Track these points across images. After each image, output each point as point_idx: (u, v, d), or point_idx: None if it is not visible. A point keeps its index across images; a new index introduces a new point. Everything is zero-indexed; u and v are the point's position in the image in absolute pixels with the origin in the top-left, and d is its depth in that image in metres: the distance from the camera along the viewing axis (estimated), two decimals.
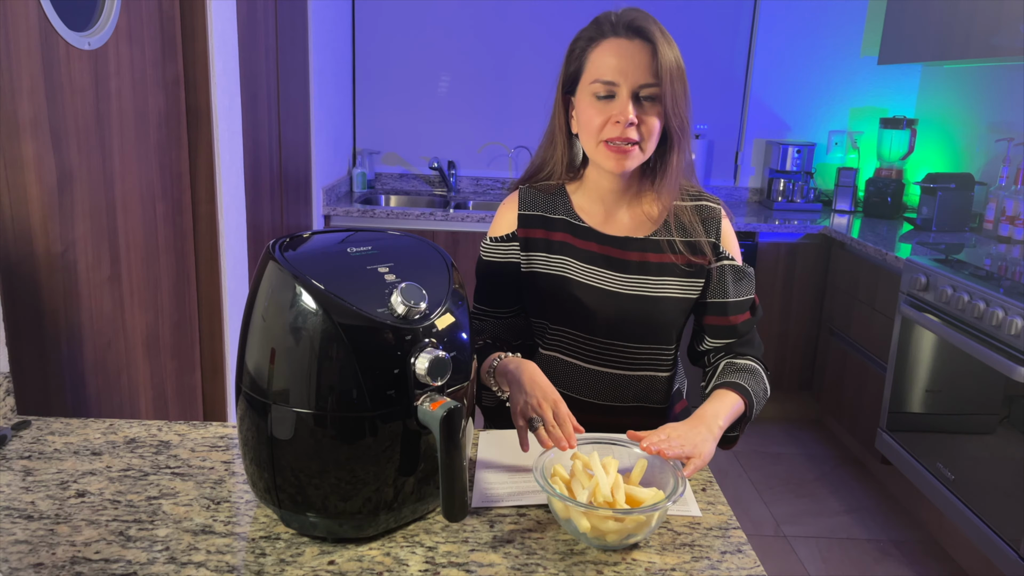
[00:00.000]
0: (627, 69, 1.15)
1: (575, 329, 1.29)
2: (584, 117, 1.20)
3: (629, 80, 1.15)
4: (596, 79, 1.17)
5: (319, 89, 3.12)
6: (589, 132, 1.19)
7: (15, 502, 0.98)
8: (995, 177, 3.16)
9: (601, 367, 1.30)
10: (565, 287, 1.27)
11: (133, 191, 1.64)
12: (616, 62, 1.15)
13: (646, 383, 1.31)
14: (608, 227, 1.29)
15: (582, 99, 1.20)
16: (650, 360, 1.31)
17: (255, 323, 0.91)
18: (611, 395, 1.31)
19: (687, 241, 1.27)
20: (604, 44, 1.17)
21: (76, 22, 1.42)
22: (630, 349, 1.29)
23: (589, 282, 1.27)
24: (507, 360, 1.20)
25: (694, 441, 1.07)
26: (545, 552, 0.92)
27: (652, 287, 1.26)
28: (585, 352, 1.30)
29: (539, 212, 1.32)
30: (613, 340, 1.28)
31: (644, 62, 1.15)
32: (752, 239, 3.37)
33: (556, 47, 3.68)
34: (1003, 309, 2.19)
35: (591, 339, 1.29)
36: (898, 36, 3.42)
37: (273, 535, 0.94)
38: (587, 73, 1.19)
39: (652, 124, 1.17)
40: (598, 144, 1.19)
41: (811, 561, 2.53)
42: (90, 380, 1.49)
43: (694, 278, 1.28)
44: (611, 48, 1.16)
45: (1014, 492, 2.12)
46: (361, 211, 3.37)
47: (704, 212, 1.29)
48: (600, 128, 1.18)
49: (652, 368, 1.31)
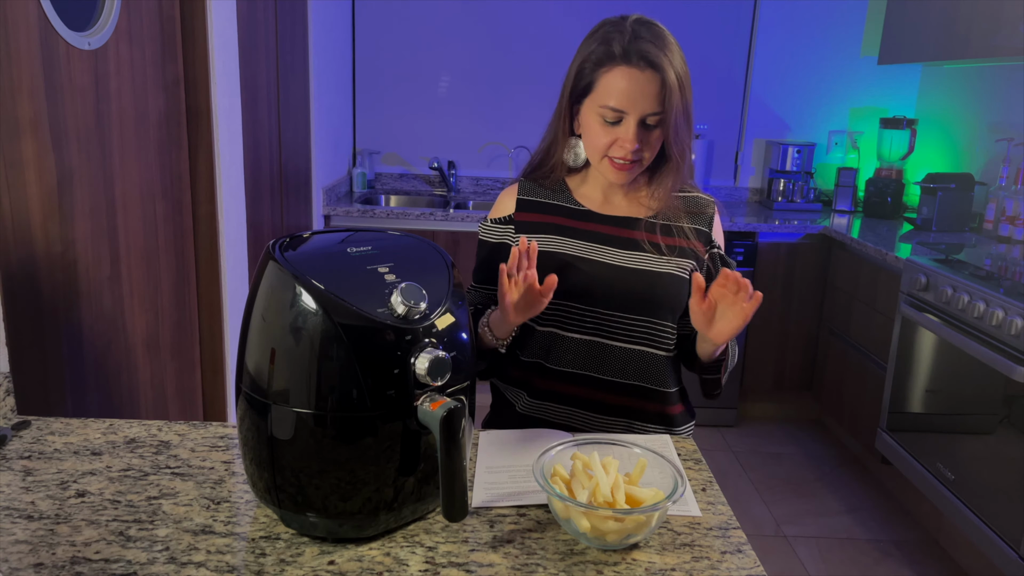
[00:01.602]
0: (636, 99, 1.21)
1: (573, 301, 1.31)
2: (591, 133, 1.27)
3: (637, 109, 1.21)
4: (605, 105, 1.23)
5: (319, 89, 3.12)
6: (595, 148, 1.27)
7: (15, 502, 0.98)
8: (995, 177, 3.16)
9: (599, 338, 1.32)
10: (563, 261, 1.31)
11: (133, 191, 1.64)
12: (627, 91, 1.21)
13: (646, 360, 1.33)
14: (607, 209, 1.35)
15: (589, 116, 1.27)
16: (648, 334, 1.32)
17: (255, 323, 0.91)
18: (610, 369, 1.32)
19: (681, 226, 1.33)
20: (616, 71, 1.22)
21: (76, 22, 1.42)
22: (630, 321, 1.31)
23: (588, 256, 1.31)
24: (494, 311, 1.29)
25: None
26: (545, 552, 0.92)
27: (651, 262, 1.31)
28: (583, 324, 1.32)
29: (538, 199, 1.38)
30: (612, 311, 1.31)
31: (653, 92, 1.21)
32: (752, 239, 3.37)
33: (556, 47, 3.70)
34: (1003, 309, 2.19)
35: (589, 310, 1.31)
36: (898, 36, 3.42)
37: (273, 535, 0.94)
38: (596, 94, 1.24)
39: (653, 144, 1.26)
40: (602, 158, 1.27)
41: (811, 561, 2.53)
42: (90, 380, 1.49)
43: (688, 259, 1.33)
44: (623, 76, 1.21)
45: (1014, 492, 2.12)
46: (361, 211, 3.37)
47: (697, 205, 1.37)
48: (606, 147, 1.25)
49: (650, 343, 1.33)
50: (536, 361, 1.35)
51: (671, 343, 1.35)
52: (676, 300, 1.32)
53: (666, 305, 1.32)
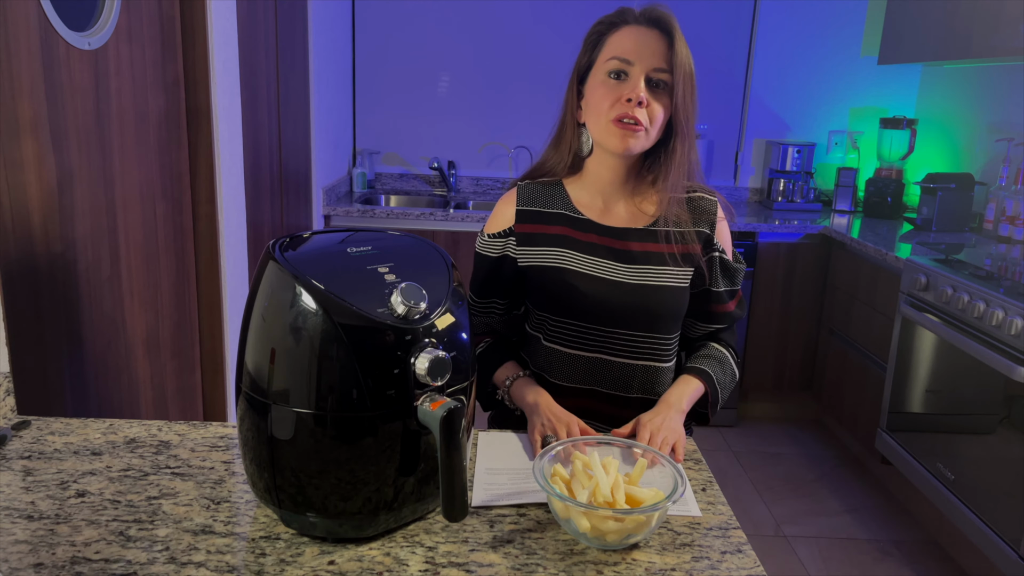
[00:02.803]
0: (643, 52, 1.20)
1: (576, 319, 1.30)
2: (596, 96, 1.24)
3: (644, 62, 1.20)
4: (612, 56, 1.22)
5: (319, 89, 3.12)
6: (600, 111, 1.23)
7: (15, 502, 0.98)
8: (995, 177, 3.16)
9: (602, 355, 1.31)
10: (565, 278, 1.29)
11: (133, 191, 1.64)
12: (633, 45, 1.21)
13: (650, 374, 1.32)
14: (607, 219, 1.31)
15: (596, 79, 1.25)
16: (651, 349, 1.31)
17: (255, 323, 0.91)
18: (615, 385, 1.32)
19: (681, 232, 1.30)
20: (624, 29, 1.24)
21: (76, 22, 1.42)
22: (631, 338, 1.30)
23: (590, 272, 1.29)
24: (523, 385, 1.30)
25: (672, 427, 1.18)
26: (545, 552, 0.92)
27: (652, 276, 1.28)
28: (586, 342, 1.31)
29: (537, 208, 1.34)
30: (615, 329, 1.29)
31: (660, 50, 1.21)
32: (752, 239, 3.37)
33: (556, 47, 3.70)
34: (1003, 309, 2.19)
35: (592, 328, 1.30)
36: (898, 36, 3.42)
37: (273, 535, 0.94)
38: (604, 53, 1.24)
39: (658, 112, 1.22)
40: (608, 123, 1.22)
41: (811, 561, 2.53)
42: (90, 380, 1.49)
43: (688, 266, 1.30)
44: (630, 32, 1.23)
45: (1014, 492, 2.12)
46: (361, 211, 3.37)
47: (699, 206, 1.32)
48: (611, 106, 1.21)
49: (654, 358, 1.32)
50: (540, 374, 1.36)
51: (673, 353, 1.35)
52: (676, 310, 1.31)
53: (667, 318, 1.30)
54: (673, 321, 1.32)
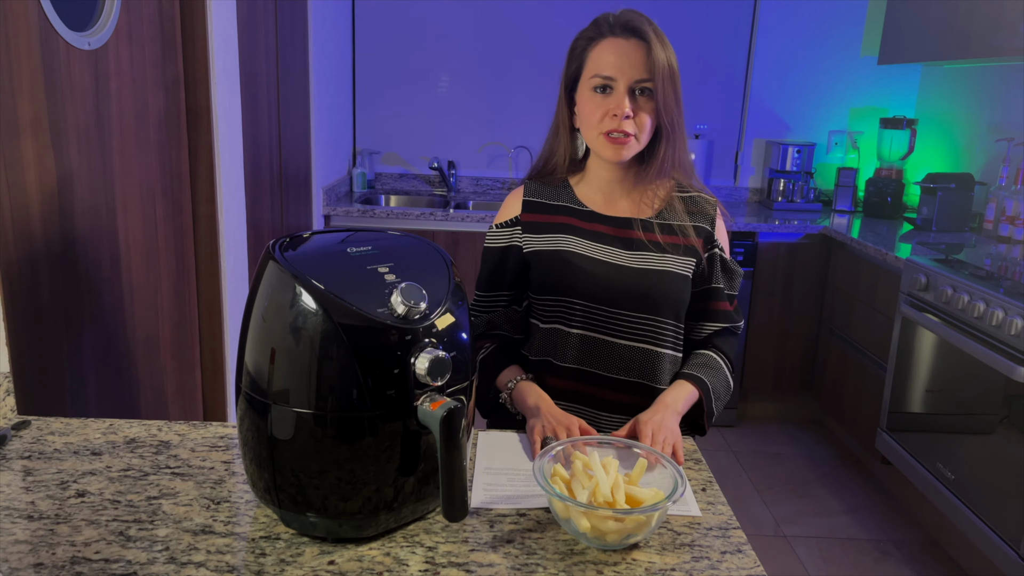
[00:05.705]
0: (623, 66, 1.24)
1: (577, 298, 1.33)
2: (585, 111, 1.29)
3: (625, 76, 1.25)
4: (595, 74, 1.26)
5: (319, 89, 3.12)
6: (590, 124, 1.29)
7: (15, 502, 0.98)
8: (995, 177, 3.16)
9: (601, 335, 1.33)
10: (569, 259, 1.33)
11: (133, 191, 1.64)
12: (614, 59, 1.25)
13: (648, 357, 1.34)
14: (609, 211, 1.37)
15: (583, 94, 1.30)
16: (651, 332, 1.33)
17: (255, 323, 0.91)
18: (612, 366, 1.34)
19: (683, 225, 1.35)
20: (602, 43, 1.27)
21: (76, 22, 1.42)
22: (632, 319, 1.32)
23: (592, 255, 1.33)
24: (525, 389, 1.31)
25: (670, 427, 1.20)
26: (545, 552, 0.92)
27: (655, 261, 1.32)
28: (586, 321, 1.33)
29: (543, 200, 1.40)
30: (615, 309, 1.32)
31: (639, 60, 1.24)
32: (752, 239, 3.37)
33: (556, 47, 3.70)
34: (1003, 309, 2.19)
35: (594, 307, 1.33)
36: (898, 36, 3.42)
37: (273, 535, 0.94)
38: (587, 70, 1.29)
39: (645, 119, 1.27)
40: (598, 135, 1.28)
41: (811, 561, 2.53)
42: (90, 380, 1.49)
43: (691, 256, 1.34)
44: (609, 47, 1.26)
45: (1014, 492, 2.12)
46: (361, 211, 3.37)
47: (699, 204, 1.38)
48: (599, 120, 1.27)
49: (653, 341, 1.33)
50: (540, 360, 1.37)
51: (672, 341, 1.36)
52: (678, 298, 1.34)
53: (668, 303, 1.33)
54: (675, 306, 1.34)
